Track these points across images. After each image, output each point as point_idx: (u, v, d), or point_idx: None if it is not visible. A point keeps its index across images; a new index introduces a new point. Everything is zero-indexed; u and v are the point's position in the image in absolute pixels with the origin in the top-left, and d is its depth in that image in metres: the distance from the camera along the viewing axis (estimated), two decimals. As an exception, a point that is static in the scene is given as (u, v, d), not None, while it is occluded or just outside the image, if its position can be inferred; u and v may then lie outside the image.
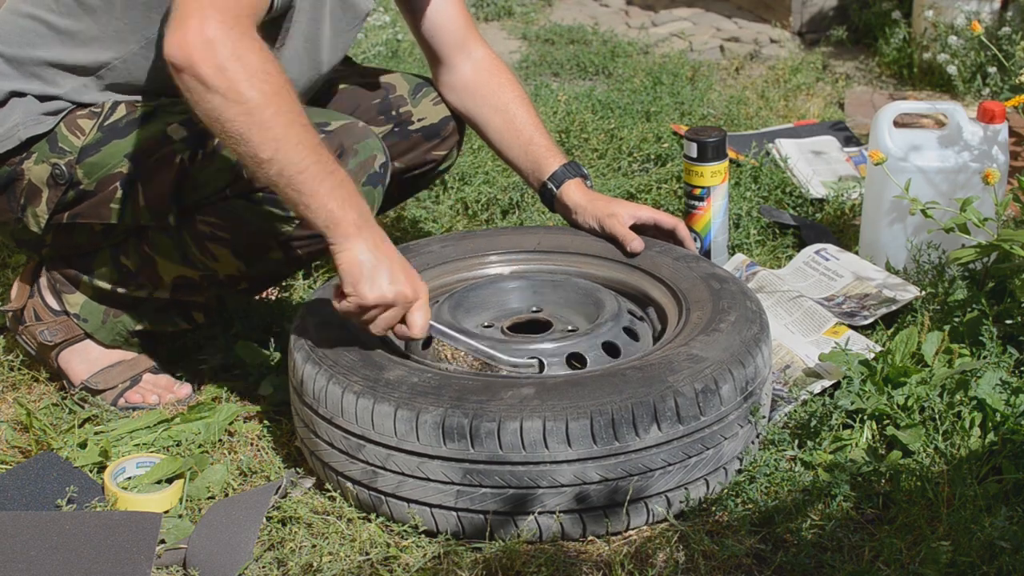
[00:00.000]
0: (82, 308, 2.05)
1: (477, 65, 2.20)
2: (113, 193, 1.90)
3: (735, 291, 1.89)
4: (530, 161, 2.16)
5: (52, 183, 1.92)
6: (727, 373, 1.68)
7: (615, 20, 4.55)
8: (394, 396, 1.64)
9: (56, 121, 1.92)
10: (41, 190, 1.93)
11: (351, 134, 1.89)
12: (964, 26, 3.47)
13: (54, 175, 1.91)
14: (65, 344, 2.08)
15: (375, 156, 1.90)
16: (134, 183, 1.89)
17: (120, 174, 1.89)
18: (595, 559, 1.64)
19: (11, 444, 1.97)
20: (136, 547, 1.65)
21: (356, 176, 1.84)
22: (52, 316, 2.08)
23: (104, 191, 1.90)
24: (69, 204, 1.93)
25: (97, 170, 1.89)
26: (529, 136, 2.16)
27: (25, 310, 2.10)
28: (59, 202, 1.92)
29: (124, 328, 2.06)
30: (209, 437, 1.94)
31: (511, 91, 2.20)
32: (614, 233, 2.07)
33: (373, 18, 4.34)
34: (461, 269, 2.09)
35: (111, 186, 1.89)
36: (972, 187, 2.24)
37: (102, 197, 1.90)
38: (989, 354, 1.90)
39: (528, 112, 2.19)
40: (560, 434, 1.59)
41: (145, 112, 1.91)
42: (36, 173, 1.92)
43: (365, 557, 1.65)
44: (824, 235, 2.52)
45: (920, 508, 1.67)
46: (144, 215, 1.90)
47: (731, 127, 3.24)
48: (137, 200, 1.89)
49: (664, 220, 2.11)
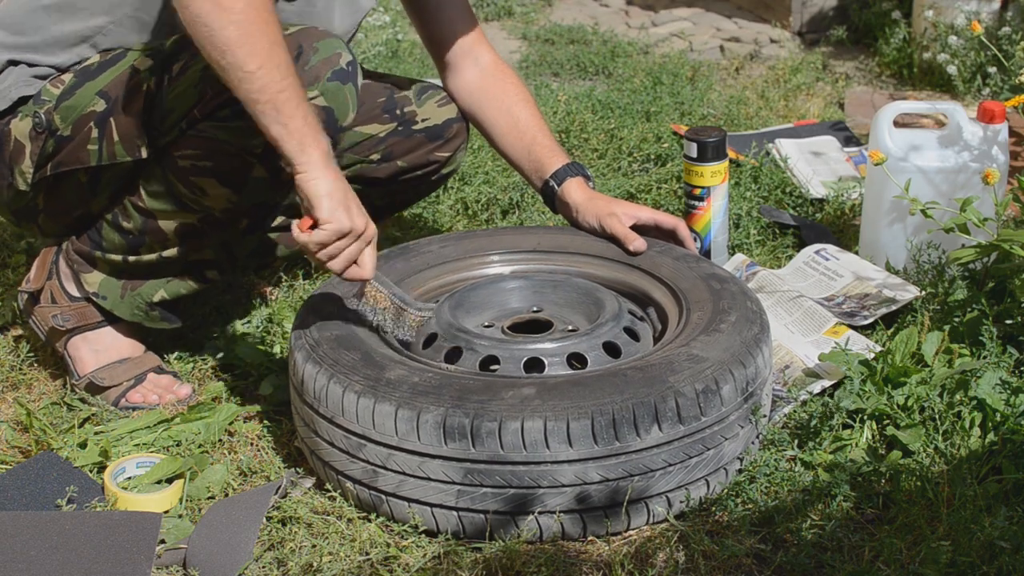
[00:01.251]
0: (100, 286, 2.06)
1: (484, 70, 2.23)
2: (88, 133, 1.92)
3: (736, 291, 1.89)
4: (533, 161, 2.17)
5: (33, 135, 1.95)
6: (728, 373, 1.68)
7: (615, 20, 4.55)
8: (395, 395, 1.64)
9: (45, 83, 1.96)
10: (24, 145, 1.96)
11: (309, 35, 1.88)
12: (964, 26, 3.47)
13: (34, 124, 1.94)
14: (76, 331, 2.09)
15: (339, 54, 1.88)
16: (106, 119, 1.91)
17: (93, 112, 1.91)
18: (595, 559, 1.64)
19: (11, 444, 1.97)
20: (136, 547, 1.65)
21: (320, 71, 1.85)
22: (68, 301, 2.08)
23: (80, 133, 1.92)
24: (51, 155, 1.95)
25: (72, 113, 1.92)
26: (532, 137, 2.18)
27: (42, 292, 2.11)
28: (40, 153, 1.95)
29: (143, 300, 2.06)
30: (209, 437, 1.94)
31: (516, 94, 2.22)
32: (614, 233, 2.07)
33: (373, 18, 4.34)
34: (461, 269, 2.09)
35: (86, 126, 1.92)
36: (972, 187, 2.24)
37: (79, 140, 1.92)
38: (989, 354, 1.90)
39: (532, 114, 2.21)
40: (561, 434, 1.59)
41: (116, 54, 1.94)
42: (20, 129, 1.96)
43: (365, 557, 1.65)
44: (824, 235, 2.52)
45: (920, 508, 1.67)
46: (119, 151, 1.91)
47: (731, 127, 3.24)
48: (111, 136, 1.91)
49: (664, 220, 2.11)
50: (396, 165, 2.26)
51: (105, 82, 1.92)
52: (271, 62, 1.68)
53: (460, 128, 2.27)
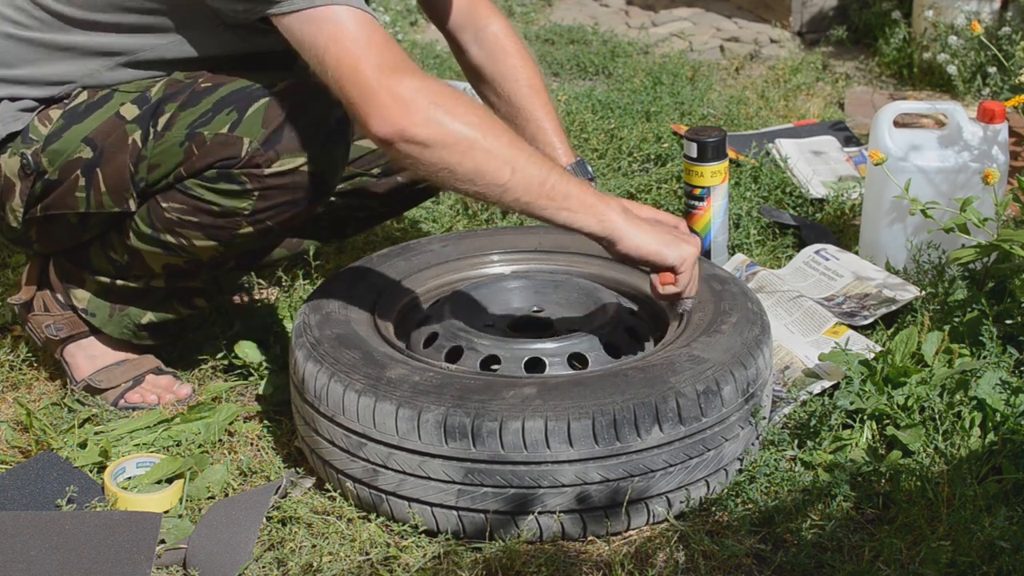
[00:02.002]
0: (89, 303, 2.05)
1: (484, 47, 2.17)
2: (76, 181, 1.88)
3: (736, 292, 1.89)
4: None
5: (22, 175, 1.91)
6: (728, 374, 1.68)
7: (615, 20, 4.55)
8: (396, 395, 1.64)
9: (32, 116, 1.91)
10: (15, 184, 1.92)
11: (299, 92, 1.81)
12: (964, 26, 3.47)
13: (23, 166, 1.90)
14: (70, 339, 2.08)
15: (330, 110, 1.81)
16: (94, 169, 1.87)
17: (80, 159, 1.87)
18: (595, 559, 1.64)
19: (11, 444, 1.97)
20: (136, 547, 1.65)
21: (310, 134, 1.79)
22: (59, 310, 2.07)
23: (68, 179, 1.88)
24: (39, 196, 1.92)
25: (59, 157, 1.88)
26: (533, 132, 2.12)
27: (34, 300, 2.10)
28: (30, 195, 1.92)
29: (131, 321, 2.05)
30: (209, 437, 1.94)
31: (517, 78, 2.15)
32: None
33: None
34: (461, 269, 2.09)
35: (73, 173, 1.88)
36: (972, 187, 2.24)
37: (67, 186, 1.89)
38: (989, 354, 1.90)
39: (534, 103, 2.14)
40: (562, 434, 1.59)
41: (103, 95, 1.89)
42: (9, 166, 1.91)
43: (365, 557, 1.65)
44: (824, 235, 2.52)
45: (920, 508, 1.67)
46: (107, 201, 1.87)
47: (731, 127, 3.24)
48: (99, 186, 1.87)
49: (666, 220, 2.10)
50: (395, 180, 2.22)
51: (91, 128, 1.86)
52: (519, 160, 1.63)
53: None
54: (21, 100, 1.91)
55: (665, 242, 1.71)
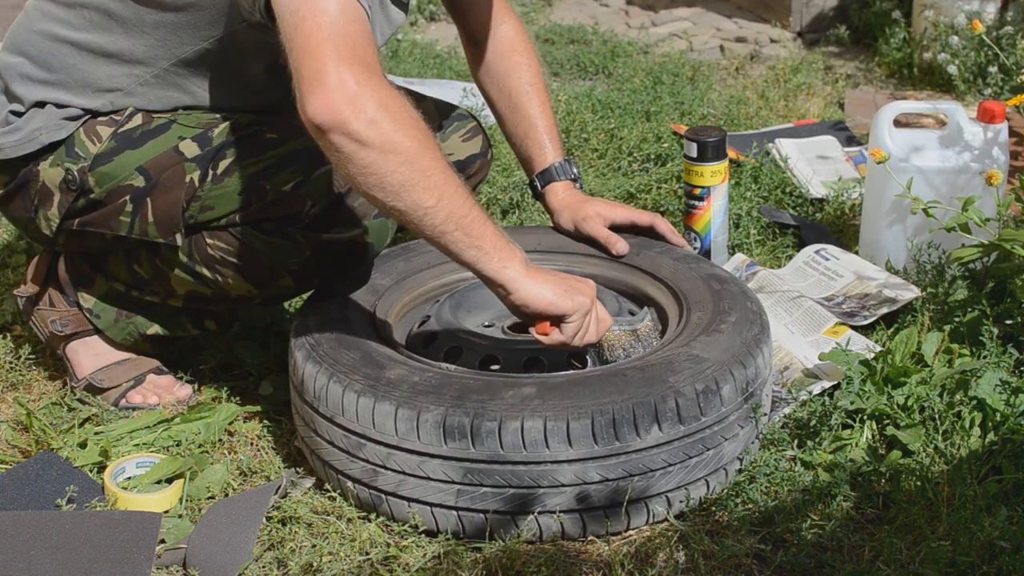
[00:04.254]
0: (96, 304, 2.05)
1: (496, 44, 2.16)
2: (123, 206, 1.87)
3: (736, 292, 1.89)
4: (524, 154, 2.15)
5: (64, 188, 1.89)
6: (728, 374, 1.68)
7: (615, 20, 4.55)
8: (395, 395, 1.64)
9: (76, 126, 1.89)
10: (53, 193, 1.90)
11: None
12: (964, 26, 3.47)
13: (66, 180, 1.88)
14: (75, 336, 2.08)
15: None
16: (144, 197, 1.85)
17: (131, 187, 1.85)
18: (595, 559, 1.64)
19: (11, 444, 1.97)
20: (136, 547, 1.65)
21: (366, 210, 1.83)
22: (65, 307, 2.07)
23: (114, 202, 1.87)
24: (79, 211, 1.91)
25: (108, 180, 1.86)
26: (526, 129, 2.13)
27: (41, 295, 2.10)
28: (70, 208, 1.90)
29: (136, 330, 2.05)
30: (209, 437, 1.94)
31: (520, 76, 2.15)
32: (592, 236, 2.06)
33: (373, 18, 4.34)
34: (461, 269, 2.08)
35: (121, 198, 1.86)
36: (972, 187, 2.24)
37: (112, 208, 1.87)
38: (989, 354, 1.90)
39: (532, 101, 2.14)
40: (561, 434, 1.59)
41: (160, 124, 1.88)
42: (50, 176, 1.90)
43: (365, 557, 1.65)
44: (824, 235, 2.51)
45: (920, 508, 1.67)
46: (152, 231, 1.86)
47: (731, 127, 3.23)
48: (146, 216, 1.86)
49: (641, 219, 2.08)
50: None
51: (146, 157, 1.85)
52: (449, 188, 1.60)
53: (483, 164, 2.19)
54: (67, 108, 1.89)
55: (558, 294, 1.69)
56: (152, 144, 1.86)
